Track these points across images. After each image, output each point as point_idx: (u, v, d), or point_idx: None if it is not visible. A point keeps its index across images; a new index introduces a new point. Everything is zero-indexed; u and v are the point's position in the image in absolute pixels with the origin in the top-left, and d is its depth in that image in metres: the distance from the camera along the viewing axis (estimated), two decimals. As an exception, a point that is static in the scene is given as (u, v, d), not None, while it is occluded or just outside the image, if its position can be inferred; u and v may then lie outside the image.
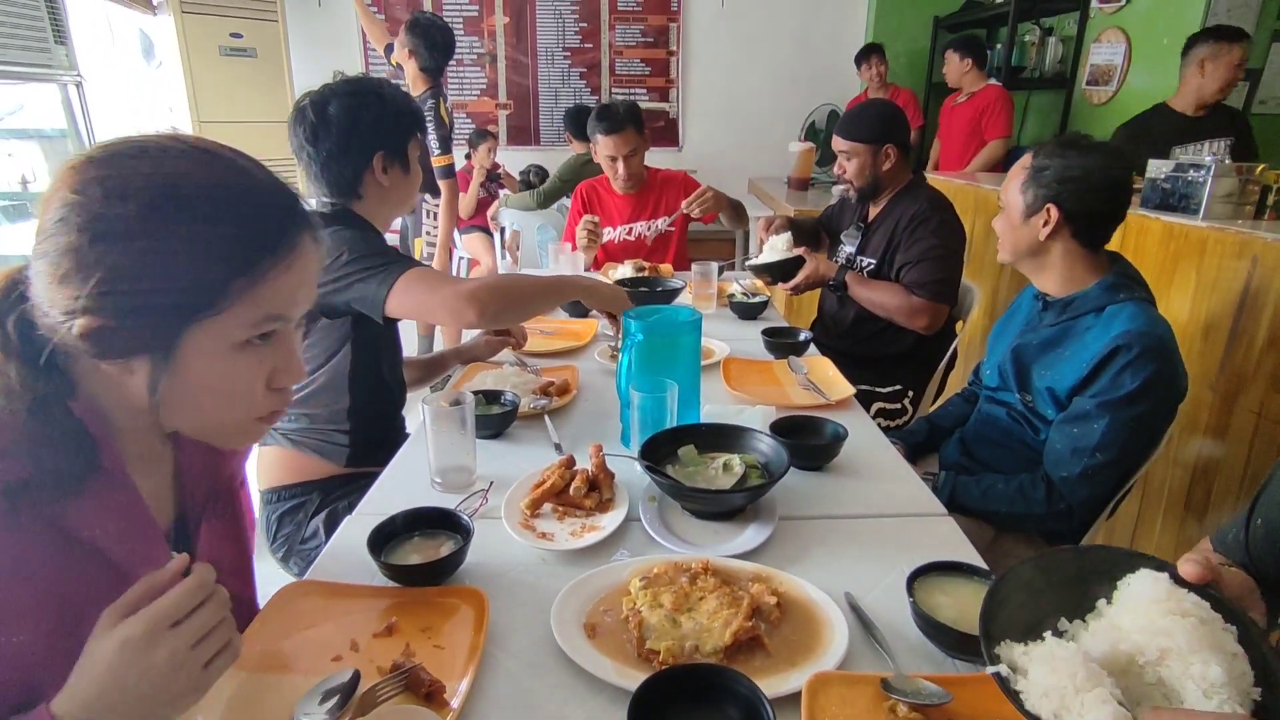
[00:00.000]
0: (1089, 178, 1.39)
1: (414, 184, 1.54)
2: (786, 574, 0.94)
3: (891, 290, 2.12)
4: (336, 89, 1.43)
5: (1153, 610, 0.62)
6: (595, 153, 2.78)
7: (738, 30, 5.37)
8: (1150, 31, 3.85)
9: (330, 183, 1.44)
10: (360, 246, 1.37)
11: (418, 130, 1.52)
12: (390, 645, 0.83)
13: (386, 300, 1.33)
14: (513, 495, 1.13)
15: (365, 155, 1.42)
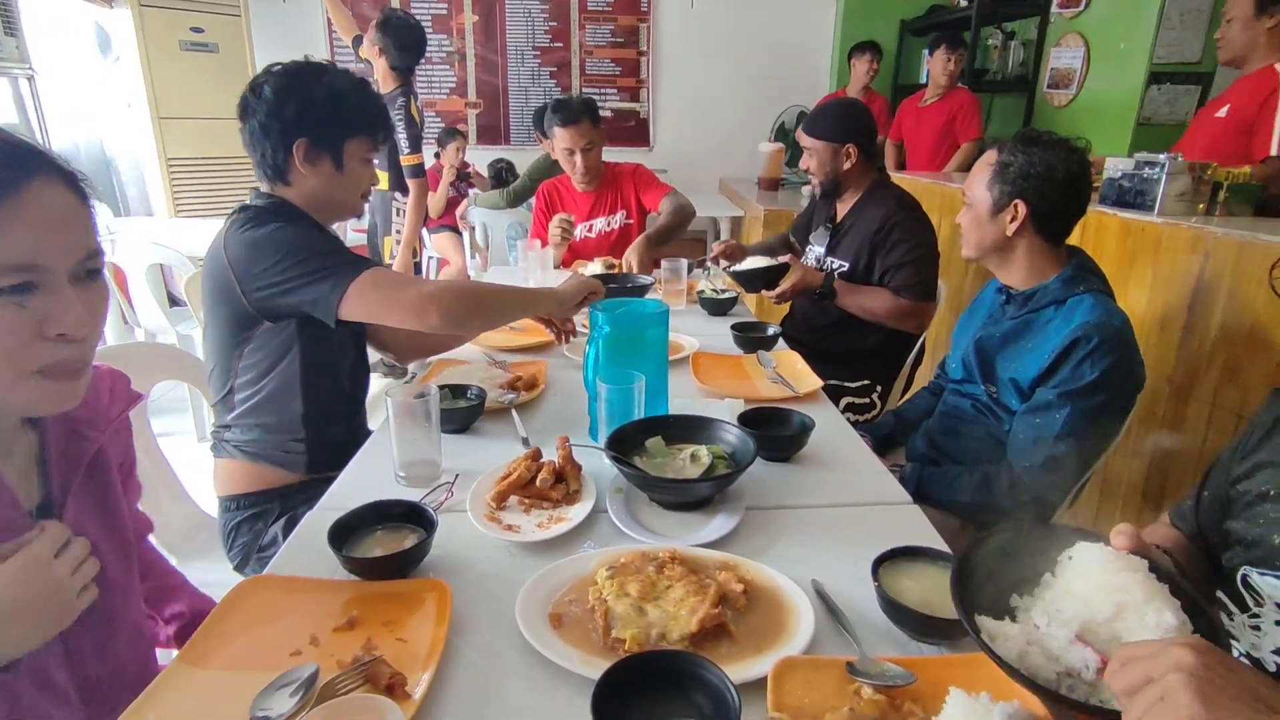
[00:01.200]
0: (1052, 173, 1.42)
1: (350, 185, 1.44)
2: (754, 562, 0.94)
3: (880, 295, 2.12)
4: (280, 68, 1.37)
5: (1105, 570, 0.65)
6: (553, 148, 2.77)
7: (707, 31, 5.39)
8: (1107, 36, 3.95)
9: (257, 164, 1.39)
10: (303, 247, 1.32)
11: (365, 130, 1.43)
12: (351, 639, 0.81)
13: (341, 303, 1.29)
14: (478, 488, 1.11)
15: (285, 139, 1.35)
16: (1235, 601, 0.79)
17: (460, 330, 1.47)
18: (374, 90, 1.49)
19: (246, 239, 1.33)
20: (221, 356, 1.42)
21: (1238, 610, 0.79)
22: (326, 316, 1.31)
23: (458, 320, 1.35)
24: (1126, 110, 3.77)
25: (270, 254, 1.31)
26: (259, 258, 1.31)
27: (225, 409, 1.46)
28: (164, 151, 4.16)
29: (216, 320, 1.40)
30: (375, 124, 1.46)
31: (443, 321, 1.32)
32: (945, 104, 4.21)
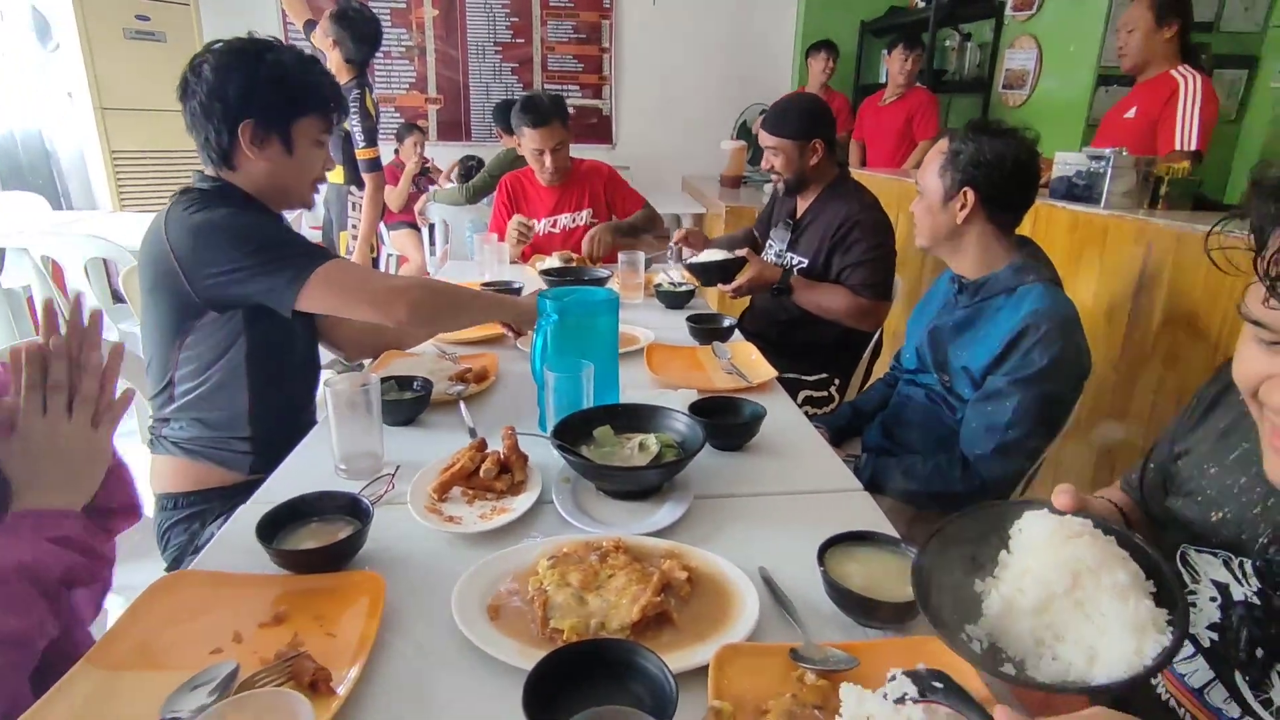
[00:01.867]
0: (1002, 161, 1.43)
1: (303, 169, 1.39)
2: (700, 550, 0.92)
3: (838, 293, 2.12)
4: (221, 45, 1.31)
5: (1053, 542, 0.65)
6: (520, 145, 2.74)
7: (669, 29, 5.39)
8: (1058, 39, 4.04)
9: (200, 147, 1.33)
10: (258, 234, 1.27)
11: (316, 109, 1.37)
12: (278, 635, 0.77)
13: (301, 293, 1.24)
14: (420, 480, 1.08)
15: (229, 121, 1.29)
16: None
17: (426, 328, 1.43)
18: (324, 67, 1.43)
19: (193, 224, 1.27)
20: (160, 347, 1.36)
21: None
22: (281, 307, 1.26)
23: (425, 317, 1.32)
24: (1077, 110, 3.86)
25: (221, 241, 1.25)
26: (208, 245, 1.25)
27: (163, 402, 1.39)
28: (108, 143, 4.01)
29: (156, 309, 1.34)
30: (327, 103, 1.39)
31: (410, 317, 1.29)
32: (904, 103, 4.27)
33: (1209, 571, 0.75)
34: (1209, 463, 0.80)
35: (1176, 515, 0.81)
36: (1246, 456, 0.76)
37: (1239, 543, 0.73)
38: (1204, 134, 2.46)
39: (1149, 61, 2.60)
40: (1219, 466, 0.79)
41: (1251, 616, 0.69)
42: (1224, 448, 0.79)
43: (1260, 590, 0.69)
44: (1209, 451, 0.81)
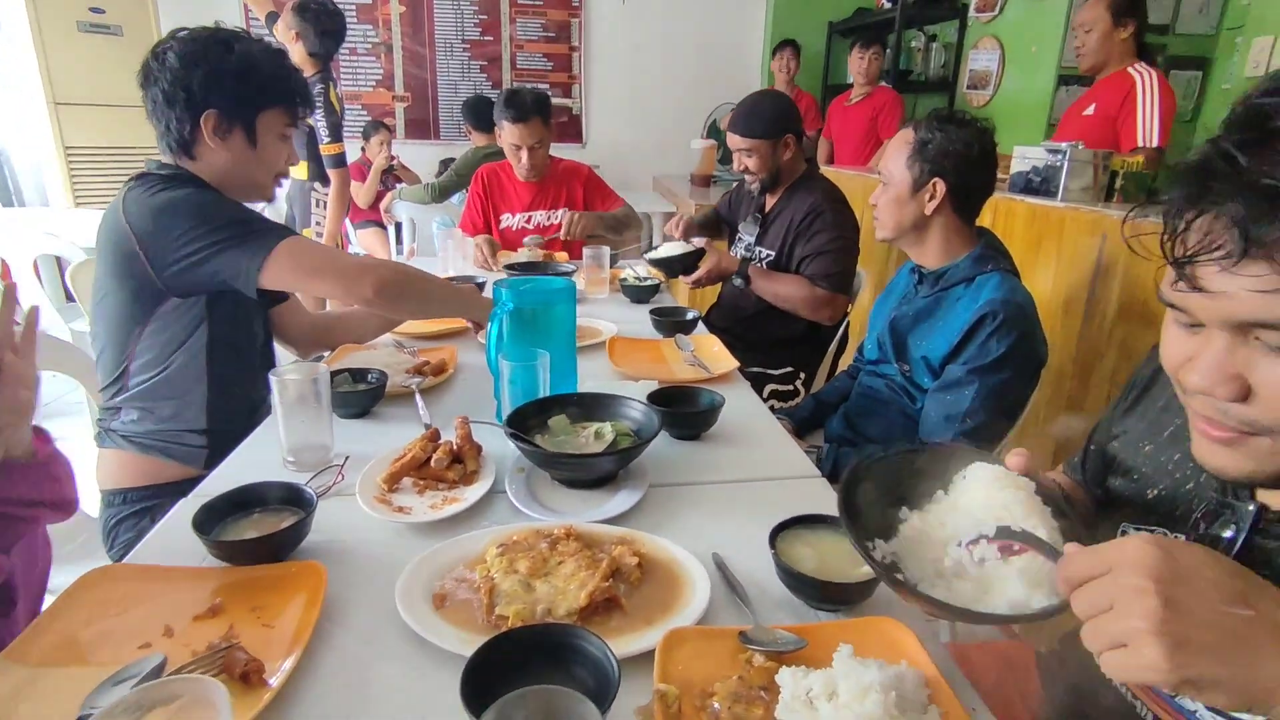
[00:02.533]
0: (970, 150, 1.44)
1: (265, 162, 1.37)
2: (652, 536, 0.91)
3: (795, 283, 2.13)
4: (187, 33, 1.29)
5: (991, 487, 0.66)
6: (500, 138, 2.71)
7: (639, 28, 5.39)
8: (1020, 40, 4.11)
9: (160, 135, 1.30)
10: (219, 212, 1.24)
11: (282, 102, 1.35)
12: (212, 628, 0.75)
13: (265, 267, 1.21)
14: (370, 471, 1.05)
15: (191, 110, 1.26)
16: None
17: (391, 309, 1.39)
18: (291, 61, 1.41)
19: (155, 204, 1.24)
20: (116, 335, 1.31)
21: None
22: (246, 285, 1.23)
23: (391, 297, 1.30)
24: (1039, 110, 3.93)
25: (184, 219, 1.22)
26: (171, 224, 1.22)
27: (115, 393, 1.35)
28: (61, 139, 3.90)
29: (114, 295, 1.30)
30: (293, 96, 1.38)
31: (376, 295, 1.26)
32: (869, 102, 4.32)
33: None
34: (1144, 441, 0.80)
35: (1116, 495, 0.82)
36: (1179, 433, 0.76)
37: (1173, 518, 0.73)
38: (1164, 129, 2.51)
39: (1106, 61, 2.65)
40: (1154, 444, 0.79)
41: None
42: (1158, 425, 0.80)
43: None
44: (1144, 430, 0.81)
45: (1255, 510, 0.63)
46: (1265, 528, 0.63)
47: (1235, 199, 0.50)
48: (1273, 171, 0.49)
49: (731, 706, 0.65)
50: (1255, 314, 0.52)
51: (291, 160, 1.45)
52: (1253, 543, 0.63)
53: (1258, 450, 0.56)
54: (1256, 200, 0.49)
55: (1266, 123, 0.51)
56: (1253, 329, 0.53)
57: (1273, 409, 0.54)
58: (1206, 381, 0.56)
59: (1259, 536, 0.63)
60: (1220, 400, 0.56)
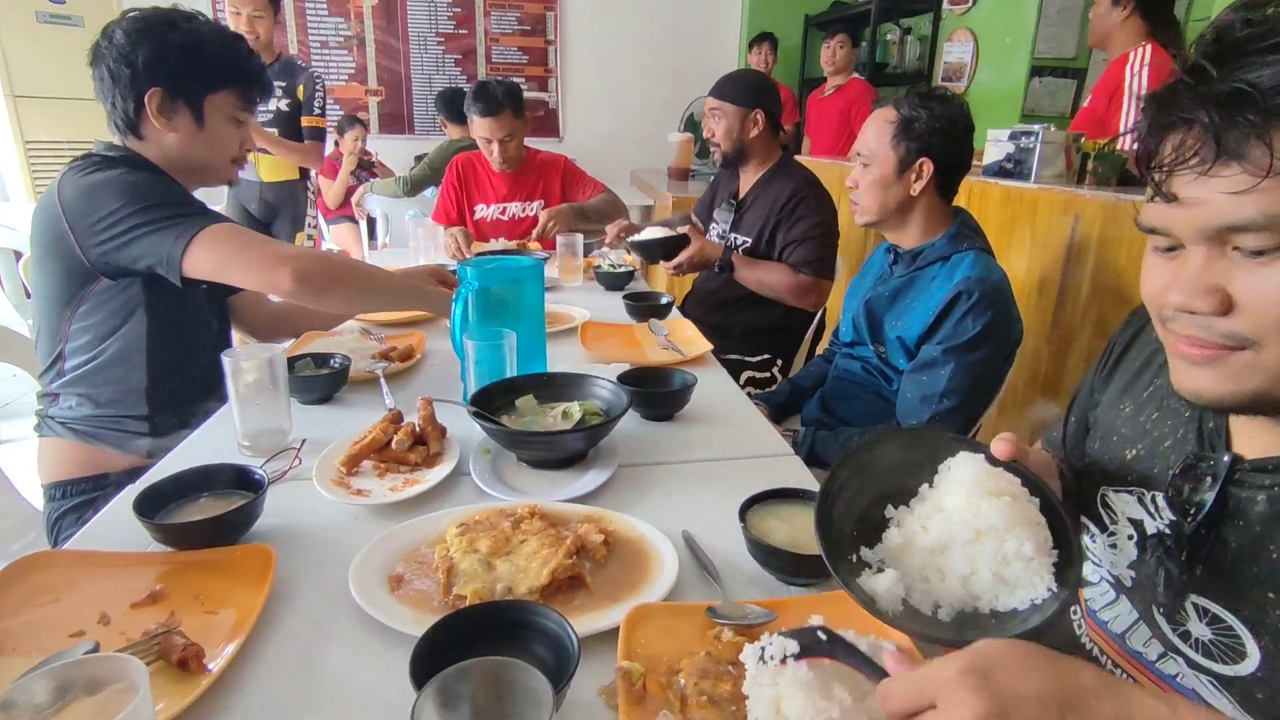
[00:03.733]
0: (954, 128, 1.41)
1: (214, 144, 1.32)
2: (621, 514, 0.88)
3: (778, 270, 2.11)
4: (137, 12, 1.25)
5: (972, 493, 0.64)
6: (471, 131, 2.67)
7: (615, 22, 5.36)
8: (993, 32, 4.13)
9: (108, 115, 1.26)
10: (146, 194, 1.19)
11: (232, 84, 1.31)
12: (151, 615, 0.71)
13: (185, 255, 1.16)
14: (329, 454, 1.01)
15: (135, 87, 1.23)
16: (1096, 524, 0.79)
17: (318, 301, 1.33)
18: (247, 45, 1.37)
19: (86, 184, 1.20)
20: (50, 317, 1.27)
21: (1099, 531, 0.78)
22: (170, 273, 1.18)
23: (315, 288, 1.23)
24: (1013, 101, 3.95)
25: (111, 199, 1.18)
26: (98, 204, 1.18)
27: (52, 378, 1.30)
28: (21, 133, 3.79)
29: (46, 275, 1.25)
30: (245, 79, 1.34)
31: (296, 286, 1.20)
32: (842, 94, 4.33)
33: (1126, 510, 0.74)
34: (1123, 402, 0.79)
35: (1094, 459, 0.80)
36: (1158, 393, 0.75)
37: (1150, 477, 0.72)
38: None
39: (1108, 39, 2.50)
40: (1132, 404, 0.78)
41: (1164, 548, 0.68)
42: (1137, 386, 0.78)
43: (1171, 522, 0.68)
44: (1121, 390, 0.80)
45: (1230, 460, 0.62)
46: (1240, 478, 0.62)
47: (1204, 107, 0.52)
48: (1239, 75, 0.51)
49: (699, 683, 0.62)
50: (1229, 217, 0.52)
51: (248, 145, 1.40)
52: (1227, 494, 0.62)
53: (1236, 366, 0.56)
54: (1224, 104, 0.51)
55: (1231, 34, 0.52)
56: (1230, 236, 0.53)
57: (1254, 317, 0.54)
58: (1186, 296, 0.56)
59: (1233, 488, 0.62)
60: (1202, 315, 0.55)
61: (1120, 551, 0.75)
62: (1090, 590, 0.82)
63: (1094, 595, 0.81)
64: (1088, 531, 0.80)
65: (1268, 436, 0.62)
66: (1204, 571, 0.65)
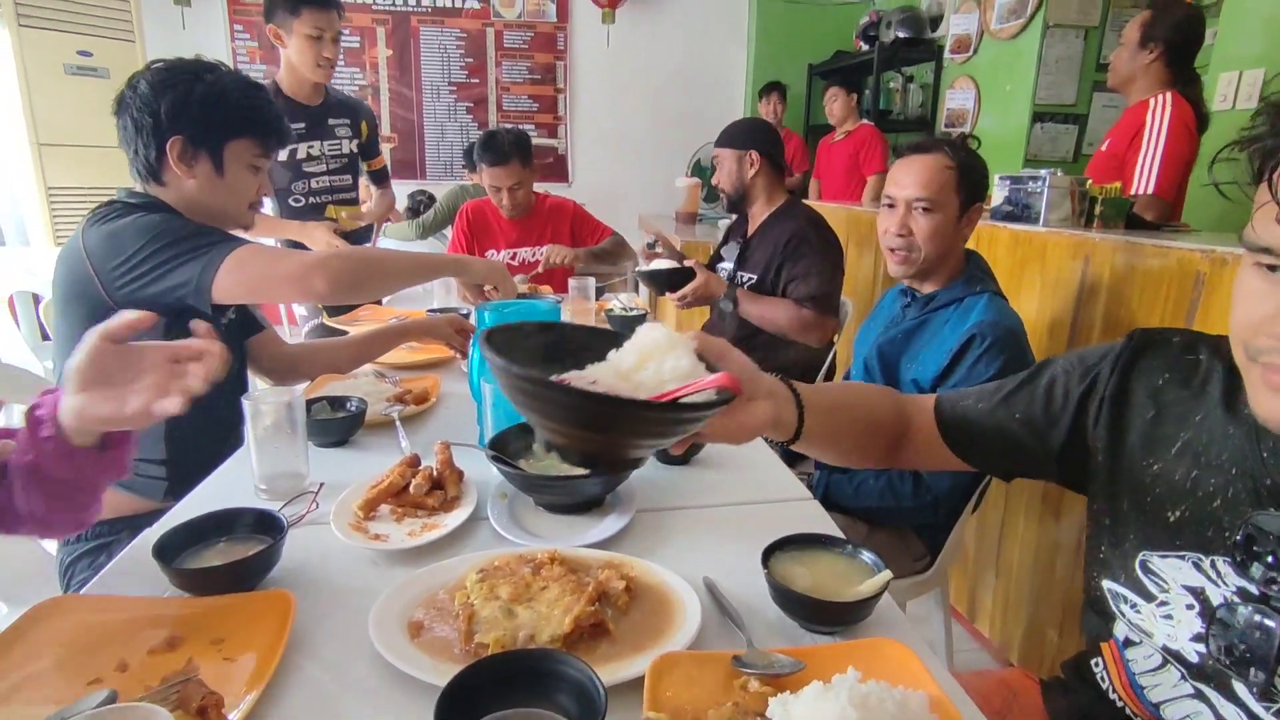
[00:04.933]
0: (985, 176, 1.47)
1: (233, 191, 1.35)
2: (641, 560, 0.87)
3: (782, 305, 2.13)
4: (162, 63, 1.30)
5: (642, 332, 0.72)
6: (480, 179, 2.73)
7: (623, 70, 5.49)
8: (994, 80, 4.21)
9: (130, 162, 1.31)
10: (170, 231, 1.22)
11: (251, 133, 1.34)
12: (169, 662, 0.70)
13: (215, 281, 1.19)
14: (346, 498, 1.01)
15: (158, 135, 1.26)
16: (1137, 591, 0.74)
17: (356, 297, 1.36)
18: (268, 95, 1.41)
19: (107, 229, 1.24)
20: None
21: (1142, 600, 0.74)
22: (200, 301, 1.20)
23: (348, 286, 1.27)
24: (1016, 146, 4.01)
25: (133, 240, 1.21)
26: (121, 246, 1.21)
27: None
28: (44, 179, 3.88)
29: (68, 319, 1.27)
30: (264, 128, 1.37)
31: (330, 288, 1.23)
32: (851, 140, 4.42)
33: (1179, 578, 0.70)
34: (1146, 458, 0.75)
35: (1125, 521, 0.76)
36: (1190, 448, 0.72)
37: (1205, 540, 0.68)
38: (1166, 176, 2.21)
39: (1130, 82, 2.42)
40: (1161, 462, 0.74)
41: (1243, 617, 0.63)
42: (1159, 440, 0.74)
43: (1240, 589, 0.64)
44: (1143, 445, 0.75)
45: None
46: None
47: None
48: None
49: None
50: None
51: (264, 191, 1.43)
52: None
53: None
54: None
55: None
56: None
57: None
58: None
59: None
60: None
61: (1179, 624, 0.70)
62: (1134, 651, 0.77)
63: (1136, 658, 0.77)
64: (1125, 600, 0.76)
65: None
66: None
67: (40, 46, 3.78)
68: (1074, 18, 3.87)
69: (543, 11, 5.35)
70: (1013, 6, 3.99)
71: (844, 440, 0.91)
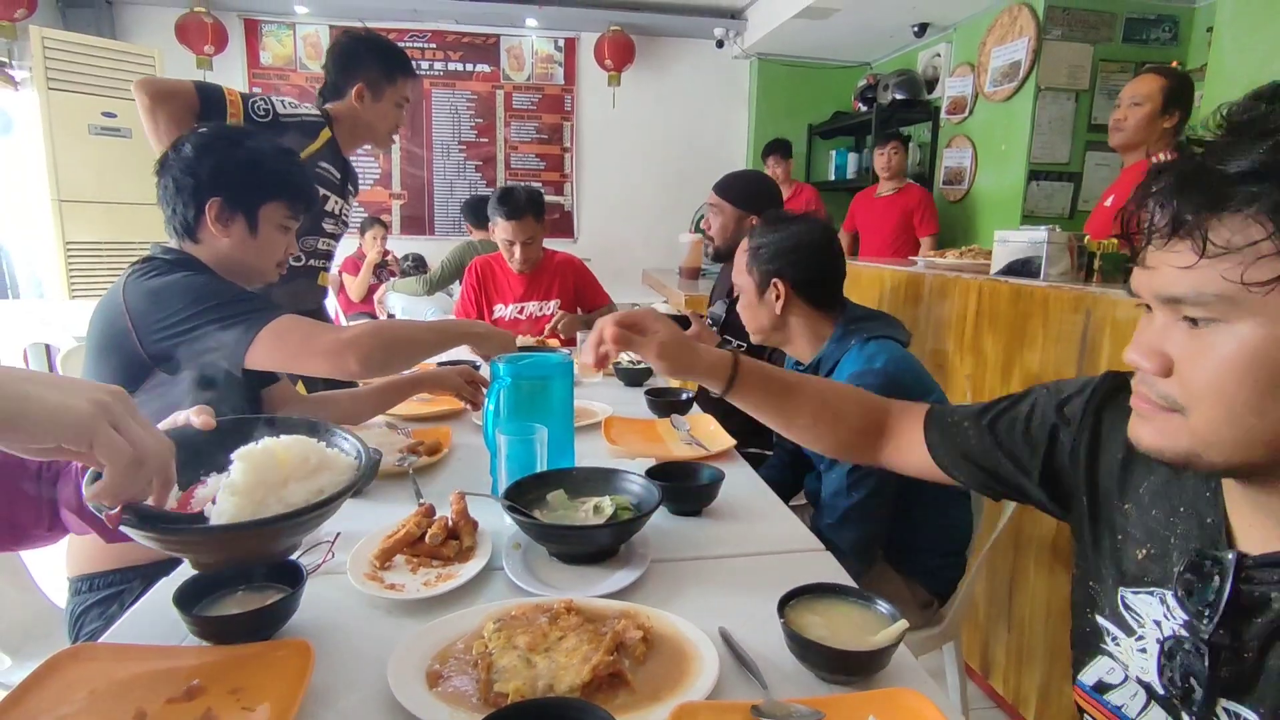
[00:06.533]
0: (799, 246, 1.51)
1: (264, 250, 1.41)
2: (656, 610, 0.87)
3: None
4: (206, 129, 1.39)
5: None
6: (493, 234, 2.81)
7: (629, 130, 5.66)
8: (990, 139, 4.34)
9: (167, 220, 1.37)
10: (212, 293, 1.27)
11: (283, 196, 1.41)
12: (188, 711, 0.70)
13: (251, 348, 1.23)
14: (361, 548, 1.02)
15: (197, 197, 1.33)
16: (1121, 628, 0.76)
17: (382, 373, 1.40)
18: (299, 161, 1.49)
19: (149, 286, 1.28)
20: None
21: (1124, 634, 0.76)
22: (233, 364, 1.24)
23: (379, 363, 1.31)
24: (1013, 203, 4.10)
25: (175, 299, 1.26)
26: (162, 304, 1.26)
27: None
28: (63, 235, 3.97)
29: (101, 370, 1.31)
30: (295, 191, 1.45)
31: (362, 367, 1.28)
32: (901, 198, 4.37)
33: (1149, 612, 0.72)
34: (1122, 500, 0.78)
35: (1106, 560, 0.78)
36: (1153, 489, 0.75)
37: (1166, 576, 0.71)
38: None
39: (1139, 143, 2.45)
40: (1135, 505, 0.77)
41: (1182, 650, 0.66)
42: (1129, 483, 0.78)
43: (1186, 622, 0.66)
44: (1119, 488, 0.79)
45: (1234, 557, 0.62)
46: (1248, 575, 0.62)
47: (1171, 182, 0.57)
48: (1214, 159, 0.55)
49: (747, 786, 0.61)
50: (1169, 288, 0.58)
51: (291, 250, 1.48)
52: (1239, 592, 0.62)
53: (1170, 426, 0.60)
54: (1184, 183, 0.56)
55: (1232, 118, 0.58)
56: (1178, 305, 0.58)
57: (1184, 383, 0.59)
58: (1137, 354, 0.62)
59: (1244, 585, 0.62)
60: (1147, 374, 0.60)
61: (1149, 656, 0.72)
62: (1120, 695, 0.77)
63: (1126, 701, 0.77)
64: (1110, 635, 0.77)
65: (1267, 531, 0.63)
66: (1229, 674, 0.63)
67: (67, 107, 3.92)
68: (1064, 81, 4.01)
69: (550, 75, 5.56)
70: (1006, 70, 4.14)
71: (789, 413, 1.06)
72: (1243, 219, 0.53)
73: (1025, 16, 3.98)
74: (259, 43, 5.25)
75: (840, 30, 4.90)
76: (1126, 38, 4.06)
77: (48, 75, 3.83)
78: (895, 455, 1.05)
